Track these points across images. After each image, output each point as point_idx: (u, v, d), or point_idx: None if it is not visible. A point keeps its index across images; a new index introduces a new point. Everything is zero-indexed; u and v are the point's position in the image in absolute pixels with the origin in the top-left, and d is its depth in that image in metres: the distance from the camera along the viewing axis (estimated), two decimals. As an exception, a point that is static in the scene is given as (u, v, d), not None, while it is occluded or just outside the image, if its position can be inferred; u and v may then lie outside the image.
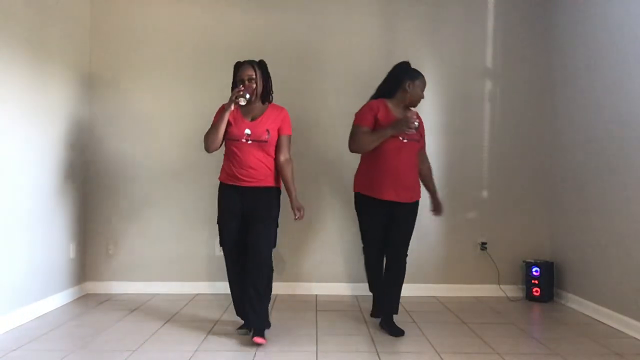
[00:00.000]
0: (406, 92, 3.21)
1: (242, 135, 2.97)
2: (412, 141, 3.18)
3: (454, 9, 4.29)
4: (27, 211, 3.37)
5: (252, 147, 2.98)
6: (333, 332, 3.20)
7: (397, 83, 3.24)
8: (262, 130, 2.99)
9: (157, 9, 4.24)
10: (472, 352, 2.83)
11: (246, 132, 2.97)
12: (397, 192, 3.14)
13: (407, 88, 3.20)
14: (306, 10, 4.26)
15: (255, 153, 2.98)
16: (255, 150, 2.99)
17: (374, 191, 3.18)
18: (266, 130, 2.99)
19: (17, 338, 2.99)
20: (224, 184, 3.08)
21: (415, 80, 3.21)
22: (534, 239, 4.26)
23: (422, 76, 3.24)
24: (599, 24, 3.61)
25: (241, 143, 2.97)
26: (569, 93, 4.00)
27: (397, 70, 3.29)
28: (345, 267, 4.24)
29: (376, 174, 3.17)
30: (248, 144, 2.98)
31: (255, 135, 2.97)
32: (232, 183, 3.03)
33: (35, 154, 3.46)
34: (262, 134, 2.98)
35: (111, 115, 4.20)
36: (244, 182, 3.00)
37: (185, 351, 2.80)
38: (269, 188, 3.06)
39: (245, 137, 2.97)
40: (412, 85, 3.20)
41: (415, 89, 3.20)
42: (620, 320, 3.30)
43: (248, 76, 3.00)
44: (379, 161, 3.15)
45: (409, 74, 3.22)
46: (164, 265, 4.20)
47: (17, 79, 3.26)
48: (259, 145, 2.99)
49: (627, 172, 3.28)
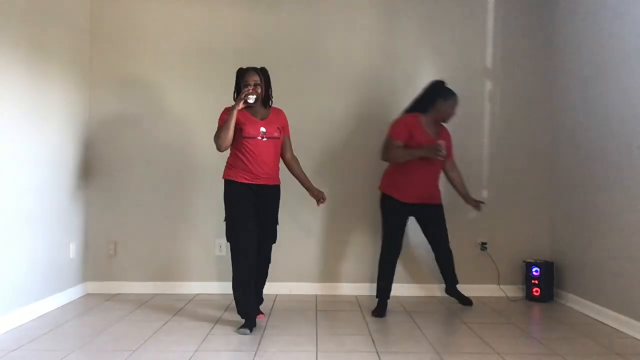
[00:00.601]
0: (439, 111, 3.57)
1: (258, 133, 3.16)
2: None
3: (454, 9, 4.29)
4: (27, 211, 3.37)
5: (268, 144, 3.19)
6: (333, 332, 3.20)
7: (431, 101, 3.58)
8: (274, 128, 3.22)
9: (157, 9, 4.24)
10: (472, 352, 2.83)
11: (262, 130, 3.17)
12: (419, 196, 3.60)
13: (439, 107, 3.56)
14: (306, 10, 4.26)
15: (271, 150, 3.20)
16: (271, 147, 3.21)
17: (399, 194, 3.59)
18: (277, 129, 3.23)
19: (17, 338, 3.00)
20: (236, 182, 3.17)
21: (448, 100, 3.56)
22: (534, 239, 4.25)
23: (455, 96, 3.59)
24: (599, 24, 3.61)
25: (257, 140, 3.16)
26: (569, 93, 4.00)
27: (432, 88, 3.63)
28: (345, 267, 4.24)
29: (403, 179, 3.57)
30: (264, 141, 3.17)
31: (269, 132, 3.19)
32: (247, 181, 3.16)
33: (35, 154, 3.46)
34: (274, 131, 3.22)
35: (111, 115, 4.20)
36: (261, 180, 3.19)
37: (185, 351, 2.80)
38: (278, 187, 3.34)
39: (261, 135, 3.16)
40: (444, 105, 3.56)
41: (446, 108, 3.56)
42: (620, 320, 3.30)
43: (254, 81, 3.19)
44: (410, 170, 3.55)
45: (442, 94, 3.57)
46: (164, 265, 4.20)
47: (17, 79, 3.26)
48: (273, 142, 3.21)
49: (627, 171, 3.28)
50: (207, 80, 4.18)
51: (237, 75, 3.27)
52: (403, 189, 3.58)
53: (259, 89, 3.18)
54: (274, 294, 4.12)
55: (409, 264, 4.18)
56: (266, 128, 3.18)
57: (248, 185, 3.16)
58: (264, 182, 3.20)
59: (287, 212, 4.12)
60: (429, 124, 3.59)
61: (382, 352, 2.81)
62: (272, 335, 3.10)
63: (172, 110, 4.22)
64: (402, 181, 3.57)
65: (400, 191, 3.59)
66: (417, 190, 3.58)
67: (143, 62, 4.22)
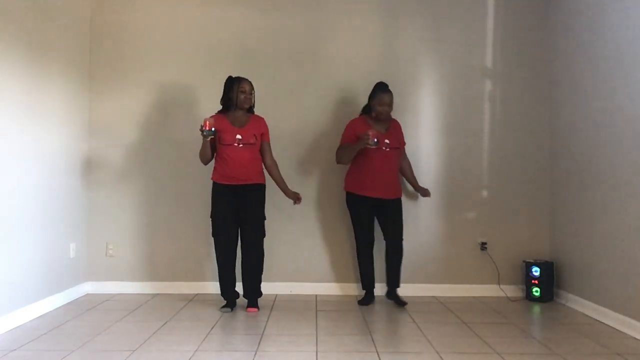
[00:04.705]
0: (374, 109, 3.79)
1: (234, 140, 3.51)
2: (393, 149, 3.79)
3: (454, 9, 4.29)
4: (27, 211, 3.37)
5: (243, 150, 3.52)
6: (333, 332, 3.20)
7: (369, 102, 3.86)
8: (250, 135, 3.55)
9: (157, 9, 4.24)
10: (472, 352, 2.83)
11: (237, 137, 3.51)
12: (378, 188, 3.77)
13: (372, 106, 3.80)
14: (306, 10, 4.26)
15: (246, 154, 3.54)
16: (247, 152, 3.54)
17: (359, 189, 3.82)
18: (253, 135, 3.56)
19: (17, 338, 3.00)
20: (218, 184, 3.58)
21: (375, 98, 3.78)
22: (534, 239, 4.25)
23: (380, 91, 3.77)
24: (599, 24, 3.61)
25: (233, 147, 3.51)
26: (569, 93, 4.00)
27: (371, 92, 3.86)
28: (345, 267, 4.23)
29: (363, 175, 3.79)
30: (240, 147, 3.52)
31: (245, 139, 3.52)
32: (227, 182, 3.54)
33: (35, 154, 3.46)
34: (250, 138, 3.54)
35: (111, 115, 4.20)
36: (239, 181, 3.53)
37: (185, 351, 2.80)
38: (259, 185, 3.62)
39: (237, 142, 3.51)
40: (373, 102, 3.79)
41: (376, 105, 3.77)
42: (620, 320, 3.30)
43: (249, 90, 3.60)
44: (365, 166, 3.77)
45: (372, 94, 3.83)
46: (164, 265, 4.20)
47: (17, 79, 3.26)
48: (249, 148, 3.54)
49: (627, 171, 3.28)
50: (207, 80, 4.17)
51: (230, 82, 3.58)
52: (362, 184, 3.81)
53: (253, 97, 3.63)
54: (274, 294, 4.12)
55: (409, 264, 4.17)
56: (242, 135, 3.52)
57: (227, 186, 3.54)
58: (243, 183, 3.54)
59: (287, 211, 4.13)
60: (376, 122, 3.83)
61: (382, 352, 2.81)
62: (272, 335, 3.10)
63: (172, 110, 4.22)
64: (360, 177, 3.82)
65: (359, 187, 3.82)
66: (375, 183, 3.77)
67: (143, 62, 4.22)
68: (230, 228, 3.59)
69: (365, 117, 3.87)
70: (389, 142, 3.77)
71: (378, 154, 3.71)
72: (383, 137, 3.74)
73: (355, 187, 3.84)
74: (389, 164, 3.79)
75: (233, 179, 3.52)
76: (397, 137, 3.87)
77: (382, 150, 3.72)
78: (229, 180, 3.53)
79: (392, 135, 3.83)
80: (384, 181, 3.78)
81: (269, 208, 3.86)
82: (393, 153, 3.80)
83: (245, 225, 3.60)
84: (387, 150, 3.76)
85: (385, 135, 3.78)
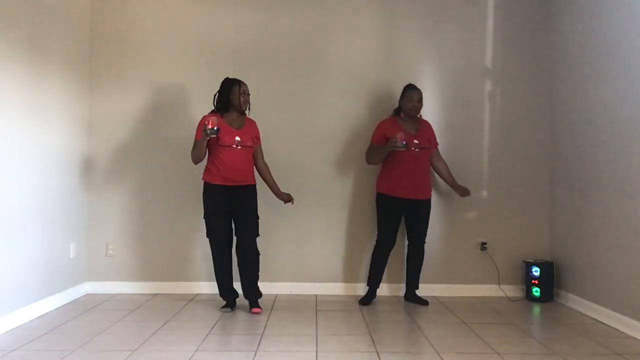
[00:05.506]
0: (403, 107, 3.87)
1: (233, 142, 3.51)
2: (423, 149, 3.82)
3: (454, 9, 4.29)
4: (27, 211, 3.37)
5: (241, 152, 3.54)
6: (333, 332, 3.20)
7: (399, 102, 3.92)
8: (249, 137, 3.58)
9: (157, 10, 4.24)
10: (472, 352, 2.83)
11: (237, 139, 3.52)
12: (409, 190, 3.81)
13: (402, 104, 3.88)
14: (306, 10, 4.26)
15: (243, 156, 3.57)
16: (244, 154, 3.57)
17: (390, 191, 3.84)
18: (251, 138, 3.60)
19: (17, 338, 2.99)
20: (212, 184, 3.55)
21: (405, 95, 3.86)
22: (534, 239, 4.25)
23: (410, 89, 3.85)
24: (599, 24, 3.61)
25: (232, 149, 3.51)
26: (568, 93, 4.00)
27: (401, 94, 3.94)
28: (345, 267, 4.23)
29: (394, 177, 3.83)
30: (238, 149, 3.53)
31: (244, 141, 3.55)
32: (221, 183, 3.53)
33: (35, 154, 3.46)
34: (248, 140, 3.58)
35: (111, 115, 4.20)
36: (234, 182, 3.53)
37: (185, 351, 2.80)
38: (252, 185, 3.65)
39: (236, 143, 3.52)
40: (403, 100, 3.87)
41: (406, 103, 3.84)
42: (620, 320, 3.30)
43: (248, 92, 3.62)
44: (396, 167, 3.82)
45: (402, 93, 3.90)
46: (164, 265, 4.20)
47: (17, 79, 3.26)
48: (246, 150, 3.57)
49: (627, 171, 3.28)
50: (207, 80, 4.16)
51: (230, 84, 3.57)
52: (393, 186, 3.83)
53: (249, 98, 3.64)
54: (274, 294, 4.12)
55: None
56: (241, 137, 3.54)
57: (223, 186, 3.53)
58: (238, 184, 3.55)
59: (287, 212, 4.13)
60: (406, 122, 3.86)
61: (382, 352, 2.81)
62: (272, 335, 3.10)
63: (172, 110, 4.22)
64: (391, 178, 3.85)
65: (391, 188, 3.83)
66: (405, 184, 3.79)
67: (143, 63, 4.22)
68: (225, 228, 3.61)
69: (396, 117, 3.91)
70: (418, 142, 3.80)
71: (408, 154, 3.75)
72: (412, 137, 3.77)
73: (387, 188, 3.85)
74: (419, 164, 3.83)
75: (229, 179, 3.52)
76: (426, 137, 3.89)
77: (412, 150, 3.76)
78: (224, 181, 3.52)
79: (421, 136, 3.84)
80: (415, 181, 3.81)
81: (268, 209, 3.85)
82: (423, 153, 3.83)
83: (240, 225, 3.59)
84: (417, 150, 3.78)
85: (415, 136, 3.80)
